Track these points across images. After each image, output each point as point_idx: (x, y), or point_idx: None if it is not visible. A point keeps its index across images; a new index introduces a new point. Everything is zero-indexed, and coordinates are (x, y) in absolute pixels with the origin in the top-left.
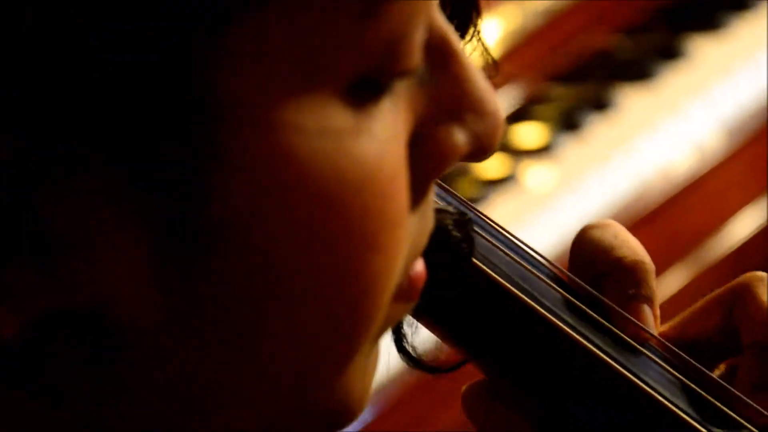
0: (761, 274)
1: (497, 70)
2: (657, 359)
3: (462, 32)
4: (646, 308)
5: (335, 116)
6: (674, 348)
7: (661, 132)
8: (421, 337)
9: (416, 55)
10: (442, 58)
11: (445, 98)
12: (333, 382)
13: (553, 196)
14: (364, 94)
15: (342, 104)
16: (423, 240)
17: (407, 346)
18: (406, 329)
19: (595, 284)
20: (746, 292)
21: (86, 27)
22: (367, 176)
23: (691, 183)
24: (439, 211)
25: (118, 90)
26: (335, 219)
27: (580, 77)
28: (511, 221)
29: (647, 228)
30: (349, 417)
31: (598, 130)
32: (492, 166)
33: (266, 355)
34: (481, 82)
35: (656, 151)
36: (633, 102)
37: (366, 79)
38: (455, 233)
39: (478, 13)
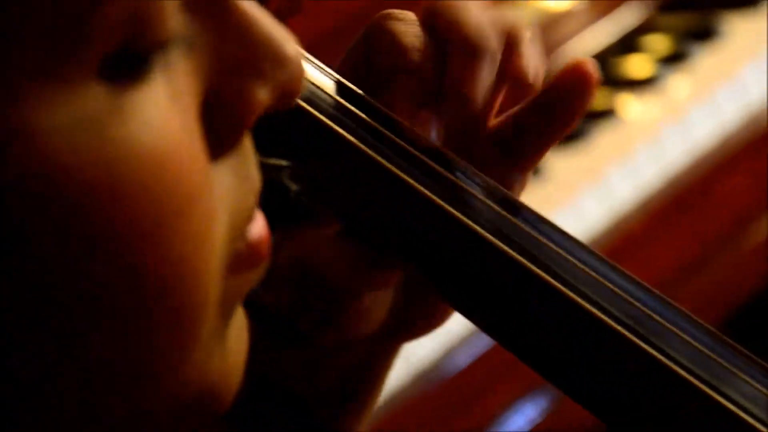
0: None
1: (301, 7)
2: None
3: None
4: (433, 117)
5: (91, 104)
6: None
7: None
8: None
9: (172, 21)
10: (214, 13)
11: (233, 53)
12: (182, 367)
13: (657, 129)
14: (123, 72)
15: (98, 90)
16: (248, 202)
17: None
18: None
19: (381, 78)
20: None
21: None
22: (139, 157)
23: None
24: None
25: None
26: (119, 209)
27: (686, 5)
28: (612, 154)
29: (753, 160)
30: (217, 400)
31: (704, 60)
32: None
33: (99, 356)
34: (269, 27)
35: (763, 81)
36: (739, 30)
37: (121, 57)
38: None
39: None
